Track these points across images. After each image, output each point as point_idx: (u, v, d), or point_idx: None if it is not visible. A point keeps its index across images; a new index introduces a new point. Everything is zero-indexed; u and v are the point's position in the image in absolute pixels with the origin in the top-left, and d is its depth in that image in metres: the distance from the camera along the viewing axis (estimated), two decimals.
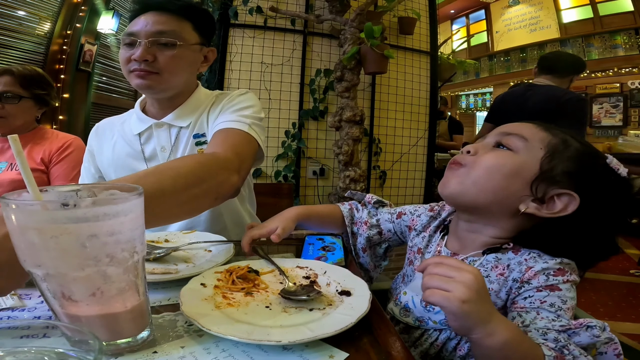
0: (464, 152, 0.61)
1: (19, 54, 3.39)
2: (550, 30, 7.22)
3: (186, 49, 0.87)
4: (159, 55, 0.84)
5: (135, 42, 0.83)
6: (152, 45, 0.83)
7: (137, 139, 0.95)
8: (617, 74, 6.42)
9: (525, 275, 0.53)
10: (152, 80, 0.85)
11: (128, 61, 0.85)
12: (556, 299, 0.50)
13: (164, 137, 0.93)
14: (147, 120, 0.94)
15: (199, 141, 0.93)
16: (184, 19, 0.87)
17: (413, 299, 0.63)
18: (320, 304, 0.52)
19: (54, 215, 0.36)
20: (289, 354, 0.42)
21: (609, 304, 2.25)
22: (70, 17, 3.78)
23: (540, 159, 0.55)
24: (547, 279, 0.51)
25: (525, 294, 0.52)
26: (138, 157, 0.95)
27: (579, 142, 0.57)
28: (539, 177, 0.55)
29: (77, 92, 3.90)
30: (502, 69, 8.19)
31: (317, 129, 2.46)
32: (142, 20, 0.84)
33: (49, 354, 0.31)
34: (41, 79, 1.40)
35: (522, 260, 0.55)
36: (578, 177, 0.54)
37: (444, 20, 8.94)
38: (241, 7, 2.22)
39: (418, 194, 2.80)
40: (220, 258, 0.68)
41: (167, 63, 0.84)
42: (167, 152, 0.93)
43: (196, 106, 0.94)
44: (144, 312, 0.43)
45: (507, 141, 0.58)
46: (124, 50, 0.85)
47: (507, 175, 0.56)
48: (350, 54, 2.10)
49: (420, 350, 0.59)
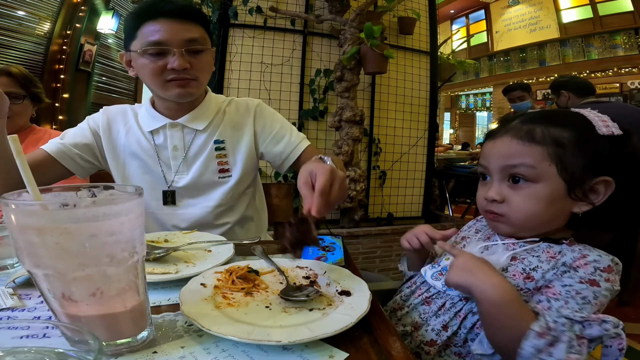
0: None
1: (19, 54, 3.39)
2: (550, 30, 7.23)
3: (209, 53, 0.93)
4: (192, 62, 0.87)
5: (164, 51, 0.84)
6: (186, 54, 0.86)
7: (149, 136, 0.96)
8: (617, 74, 6.43)
9: (577, 262, 0.54)
10: (193, 87, 0.89)
11: (162, 71, 0.86)
12: (590, 293, 0.51)
13: (177, 137, 0.96)
14: (161, 118, 0.96)
15: (219, 147, 0.98)
16: (199, 25, 0.89)
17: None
18: (320, 304, 0.52)
19: (54, 215, 0.36)
20: (289, 354, 0.42)
21: (608, 304, 2.26)
22: (70, 17, 3.79)
23: (557, 174, 0.56)
24: (594, 271, 0.53)
25: (566, 280, 0.53)
26: (151, 152, 0.96)
27: (562, 125, 0.58)
28: (569, 187, 0.56)
29: (76, 92, 3.91)
30: (502, 69, 8.20)
31: (317, 129, 2.47)
32: (164, 27, 0.83)
33: (49, 354, 0.31)
34: (33, 78, 1.44)
35: (577, 249, 0.56)
36: (595, 162, 0.56)
37: (443, 20, 8.95)
38: (241, 7, 2.22)
39: (418, 194, 2.80)
40: (220, 258, 0.68)
41: (202, 69, 0.90)
42: (179, 151, 0.96)
43: (210, 110, 0.99)
44: (144, 312, 0.43)
45: (518, 171, 0.59)
46: (151, 60, 0.85)
47: (545, 207, 0.58)
48: (350, 54, 2.10)
49: (442, 319, 0.61)
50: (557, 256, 0.57)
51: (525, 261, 0.58)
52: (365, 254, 2.40)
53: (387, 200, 2.68)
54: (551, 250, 0.58)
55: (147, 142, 0.96)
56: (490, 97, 9.07)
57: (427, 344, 0.60)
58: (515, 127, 0.60)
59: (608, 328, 0.46)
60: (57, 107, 3.69)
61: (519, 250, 0.60)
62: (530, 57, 7.56)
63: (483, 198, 0.64)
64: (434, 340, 0.60)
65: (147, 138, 0.96)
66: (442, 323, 0.60)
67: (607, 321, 0.47)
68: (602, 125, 0.57)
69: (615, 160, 0.56)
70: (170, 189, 0.96)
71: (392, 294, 0.76)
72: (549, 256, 0.57)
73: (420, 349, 0.60)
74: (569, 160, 0.56)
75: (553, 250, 0.58)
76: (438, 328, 0.60)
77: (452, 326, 0.60)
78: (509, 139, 0.60)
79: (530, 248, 0.60)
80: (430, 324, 0.62)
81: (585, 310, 0.50)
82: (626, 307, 2.23)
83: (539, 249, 0.59)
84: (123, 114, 0.99)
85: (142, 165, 0.97)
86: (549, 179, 0.57)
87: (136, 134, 0.97)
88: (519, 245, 0.61)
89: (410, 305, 0.67)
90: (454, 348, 0.59)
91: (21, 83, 1.36)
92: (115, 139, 0.97)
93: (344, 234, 2.28)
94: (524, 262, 0.58)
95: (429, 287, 0.66)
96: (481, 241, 0.67)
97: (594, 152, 0.56)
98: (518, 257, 0.59)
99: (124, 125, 0.97)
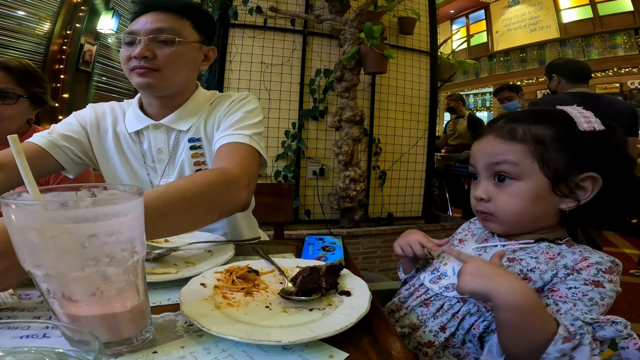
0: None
1: (19, 54, 3.39)
2: (550, 30, 7.23)
3: (185, 46, 0.87)
4: (158, 52, 0.84)
5: (135, 40, 0.83)
6: (152, 43, 0.83)
7: (135, 137, 0.93)
8: (617, 74, 6.42)
9: (579, 264, 0.54)
10: (153, 77, 0.84)
11: (128, 59, 0.84)
12: (597, 294, 0.51)
13: (160, 139, 0.92)
14: (144, 119, 0.91)
15: (194, 145, 0.92)
16: (183, 18, 0.88)
17: (454, 269, 0.65)
18: (320, 304, 0.52)
19: (54, 215, 0.36)
20: (288, 354, 0.42)
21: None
22: (70, 17, 3.79)
23: (540, 171, 0.57)
24: (596, 273, 0.53)
25: (571, 283, 0.53)
26: (137, 155, 0.93)
27: (543, 123, 0.58)
28: (553, 183, 0.57)
29: (76, 92, 3.90)
30: (502, 69, 8.19)
31: (317, 129, 2.47)
32: (142, 19, 0.85)
33: (49, 354, 0.31)
34: (37, 75, 1.23)
35: (577, 251, 0.57)
36: (577, 158, 0.56)
37: (443, 20, 8.95)
38: (241, 7, 2.22)
39: (418, 194, 2.80)
40: (220, 258, 0.68)
41: (166, 60, 0.84)
42: (164, 155, 0.92)
43: (196, 109, 0.93)
44: (144, 312, 0.43)
45: (502, 169, 0.60)
46: (124, 49, 0.86)
47: (530, 204, 0.58)
48: (350, 54, 2.10)
49: (440, 321, 0.61)
50: (557, 258, 0.57)
51: (523, 262, 0.58)
52: (365, 254, 2.40)
53: (387, 200, 2.68)
54: (550, 252, 0.58)
55: (134, 143, 0.92)
56: (490, 97, 9.06)
57: (425, 345, 0.60)
58: (498, 126, 0.62)
59: (620, 329, 0.46)
60: (57, 107, 3.68)
61: (518, 251, 0.60)
62: (530, 57, 7.55)
63: (473, 197, 0.65)
64: (431, 341, 0.60)
65: (134, 139, 0.92)
66: (439, 324, 0.61)
67: (618, 322, 0.47)
68: (583, 121, 0.57)
69: (598, 155, 0.56)
70: None
71: (392, 294, 0.76)
72: (548, 257, 0.57)
73: (418, 350, 0.60)
74: (551, 157, 0.57)
75: (552, 251, 0.58)
76: (436, 329, 0.61)
77: (449, 327, 0.60)
78: (493, 138, 0.61)
79: (529, 249, 0.60)
80: (428, 326, 0.62)
81: (594, 312, 0.50)
82: (626, 307, 2.23)
83: (538, 250, 0.59)
84: (111, 111, 0.95)
85: (130, 168, 0.93)
86: (532, 175, 0.58)
87: (124, 133, 0.93)
88: (517, 245, 0.61)
89: (409, 307, 0.67)
90: (452, 349, 0.60)
91: (19, 80, 1.16)
92: (103, 138, 0.93)
93: (344, 234, 2.28)
94: (522, 263, 0.58)
95: (427, 290, 0.66)
96: (478, 243, 0.68)
97: (575, 148, 0.56)
98: (516, 258, 0.59)
99: (112, 123, 0.93)
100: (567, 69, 2.04)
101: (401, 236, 0.74)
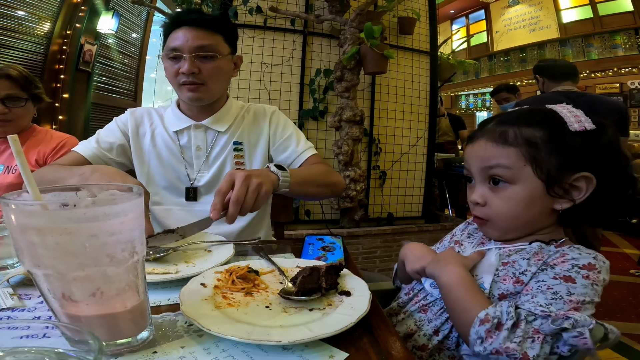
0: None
1: (19, 54, 3.38)
2: (550, 30, 7.23)
3: (222, 60, 0.98)
4: (201, 67, 0.94)
5: (179, 56, 0.94)
6: (196, 59, 0.93)
7: (174, 136, 1.03)
8: (617, 74, 6.42)
9: (555, 260, 0.54)
10: (201, 92, 0.96)
11: (177, 74, 0.95)
12: (563, 289, 0.51)
13: (200, 138, 1.03)
14: (185, 120, 1.03)
15: (237, 147, 1.06)
16: (217, 33, 0.97)
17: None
18: (320, 304, 0.52)
19: (54, 215, 0.36)
20: (289, 354, 0.42)
21: (608, 304, 2.25)
22: (70, 17, 3.78)
23: (533, 174, 0.57)
24: (570, 268, 0.52)
25: (541, 276, 0.53)
26: (175, 152, 1.03)
27: (534, 125, 0.58)
28: (547, 185, 0.56)
29: (77, 92, 3.90)
30: (501, 69, 8.20)
31: (317, 129, 2.46)
32: (181, 35, 0.93)
33: (49, 354, 0.31)
34: (32, 78, 1.42)
35: (561, 250, 0.56)
36: (569, 159, 0.56)
37: (443, 20, 8.95)
38: (241, 7, 2.22)
39: (418, 194, 2.80)
40: (220, 258, 0.68)
41: (210, 74, 0.96)
42: (202, 151, 1.03)
43: (231, 113, 1.07)
44: (144, 312, 0.43)
45: (495, 172, 0.59)
46: (169, 63, 0.96)
47: (525, 208, 0.58)
48: (350, 54, 2.10)
49: (434, 325, 0.61)
50: (544, 258, 0.56)
51: (516, 265, 0.57)
52: (365, 254, 2.40)
53: (387, 200, 2.68)
54: (541, 253, 0.58)
55: (172, 142, 1.03)
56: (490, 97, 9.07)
57: (419, 349, 0.61)
58: (490, 129, 0.61)
59: (566, 326, 0.45)
60: (57, 107, 3.68)
61: (513, 255, 0.59)
62: (530, 57, 7.55)
63: (470, 201, 0.64)
64: (425, 345, 0.60)
65: (172, 138, 1.03)
66: (433, 328, 0.61)
67: (570, 317, 0.46)
68: (574, 121, 0.57)
69: (590, 154, 0.56)
70: (193, 186, 1.02)
71: (392, 294, 0.76)
72: (537, 259, 0.57)
73: (412, 354, 0.61)
74: (543, 159, 0.56)
75: (542, 252, 0.58)
76: (429, 333, 0.61)
77: (443, 330, 0.60)
78: (485, 142, 0.61)
79: (523, 251, 0.59)
80: (422, 330, 0.62)
81: (554, 305, 0.49)
82: (626, 307, 2.23)
83: (531, 251, 0.58)
84: (149, 115, 1.07)
85: (166, 164, 1.02)
86: (525, 179, 0.57)
87: (162, 134, 1.04)
88: (511, 248, 0.61)
89: (407, 312, 0.67)
90: (447, 352, 0.60)
91: (22, 85, 1.35)
92: (141, 140, 1.04)
93: (344, 234, 2.28)
94: (514, 265, 0.57)
95: (427, 295, 0.66)
96: (475, 246, 0.68)
97: (567, 148, 0.56)
98: (510, 261, 0.58)
99: (150, 127, 1.05)
100: (548, 69, 2.10)
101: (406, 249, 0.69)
